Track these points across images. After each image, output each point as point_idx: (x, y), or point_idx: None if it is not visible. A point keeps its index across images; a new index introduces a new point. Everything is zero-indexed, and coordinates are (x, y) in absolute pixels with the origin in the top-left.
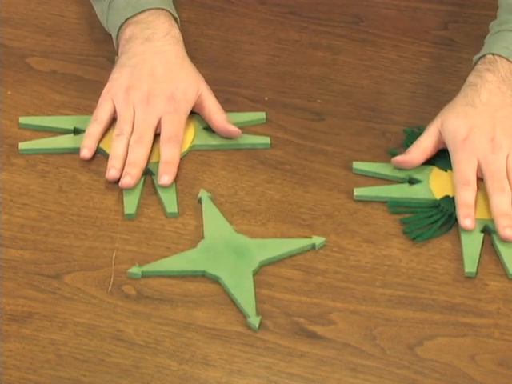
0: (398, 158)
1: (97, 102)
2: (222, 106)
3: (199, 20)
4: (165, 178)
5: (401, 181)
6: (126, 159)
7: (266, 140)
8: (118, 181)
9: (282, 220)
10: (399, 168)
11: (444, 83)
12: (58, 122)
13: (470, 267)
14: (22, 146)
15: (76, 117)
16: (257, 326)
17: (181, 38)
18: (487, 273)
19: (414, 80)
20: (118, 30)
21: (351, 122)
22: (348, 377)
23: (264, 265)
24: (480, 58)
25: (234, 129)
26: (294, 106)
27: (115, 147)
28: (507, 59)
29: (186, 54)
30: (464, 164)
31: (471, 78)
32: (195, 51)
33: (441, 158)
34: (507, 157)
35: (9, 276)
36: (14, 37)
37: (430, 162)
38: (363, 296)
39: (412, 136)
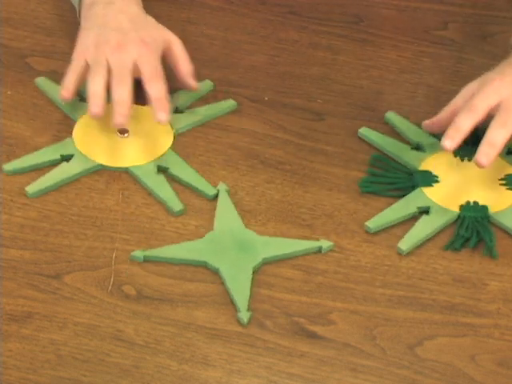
0: (427, 121)
1: None
2: None
3: (199, 20)
4: (161, 115)
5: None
6: (105, 98)
7: (232, 102)
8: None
9: (281, 220)
10: (429, 132)
11: (444, 83)
12: (41, 156)
13: (404, 244)
14: (30, 189)
15: (55, 145)
16: (245, 320)
17: (141, 3)
18: (487, 273)
19: (414, 80)
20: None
21: (351, 122)
22: (348, 377)
23: (267, 262)
24: None
25: (191, 82)
26: (294, 106)
27: (92, 85)
28: None
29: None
30: (482, 95)
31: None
32: (195, 51)
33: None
34: None
35: (9, 276)
36: (14, 37)
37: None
38: (363, 296)
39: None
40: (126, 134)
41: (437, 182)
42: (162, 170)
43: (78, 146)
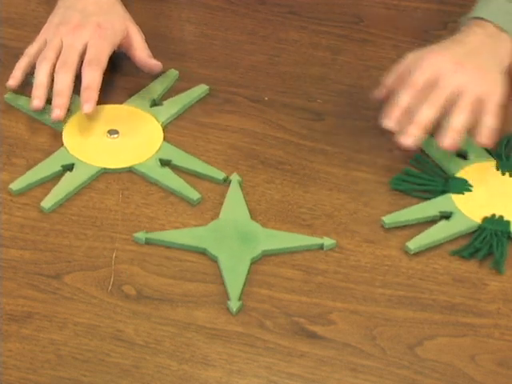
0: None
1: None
2: (222, 106)
3: (199, 20)
4: (87, 106)
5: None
6: (49, 87)
7: (204, 87)
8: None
9: (282, 220)
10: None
11: None
12: (43, 171)
13: (413, 244)
14: (45, 204)
15: (52, 157)
16: (234, 310)
17: None
18: (487, 273)
19: None
20: None
21: (351, 122)
22: (348, 377)
23: (266, 255)
24: (467, 20)
25: (154, 62)
26: (294, 106)
27: (38, 75)
28: (493, 23)
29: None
30: (420, 69)
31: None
32: (195, 51)
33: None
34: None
35: (9, 276)
36: (14, 37)
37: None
38: (363, 296)
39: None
40: (115, 135)
41: (469, 190)
42: (164, 163)
43: (74, 154)
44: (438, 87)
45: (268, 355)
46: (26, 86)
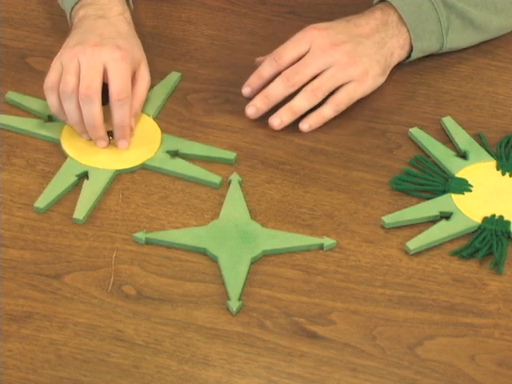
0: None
1: None
2: (222, 106)
3: (199, 20)
4: (123, 143)
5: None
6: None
7: (177, 74)
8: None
9: (281, 220)
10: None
11: (444, 83)
12: (61, 184)
13: (412, 244)
14: (77, 215)
15: (63, 169)
16: (234, 309)
17: (132, 23)
18: (487, 273)
19: (414, 80)
20: (72, 11)
21: (351, 122)
22: (348, 377)
23: (267, 255)
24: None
25: (126, 139)
26: None
27: (69, 113)
28: (397, 11)
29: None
30: (294, 41)
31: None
32: (195, 51)
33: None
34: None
35: (9, 276)
36: (14, 37)
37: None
38: (363, 296)
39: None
40: (112, 137)
41: (469, 190)
42: (173, 154)
43: (84, 163)
44: (300, 64)
45: (268, 355)
46: (26, 86)
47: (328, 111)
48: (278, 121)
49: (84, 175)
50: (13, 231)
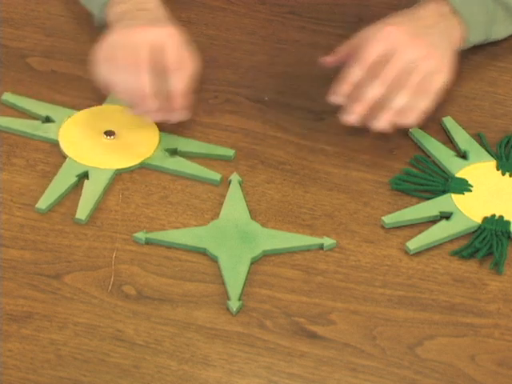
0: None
1: (97, 101)
2: (222, 106)
3: (199, 20)
4: (179, 113)
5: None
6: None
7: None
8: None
9: (282, 220)
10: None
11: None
12: (61, 185)
13: (412, 244)
14: (80, 215)
15: (62, 171)
16: (234, 309)
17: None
18: (487, 273)
19: None
20: (104, 8)
21: None
22: (348, 377)
23: (267, 255)
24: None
25: (182, 102)
26: (294, 106)
27: (141, 84)
28: (449, 2)
29: None
30: (374, 42)
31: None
32: (195, 51)
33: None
34: (419, 60)
35: (9, 276)
36: (14, 37)
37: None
38: (363, 296)
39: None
40: (112, 136)
41: (469, 190)
42: (172, 152)
43: (83, 163)
44: (390, 63)
45: (268, 355)
46: (26, 86)
47: (424, 103)
48: (385, 125)
49: (84, 175)
50: (13, 231)
